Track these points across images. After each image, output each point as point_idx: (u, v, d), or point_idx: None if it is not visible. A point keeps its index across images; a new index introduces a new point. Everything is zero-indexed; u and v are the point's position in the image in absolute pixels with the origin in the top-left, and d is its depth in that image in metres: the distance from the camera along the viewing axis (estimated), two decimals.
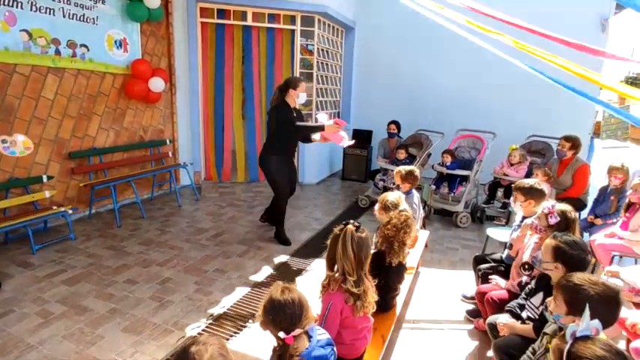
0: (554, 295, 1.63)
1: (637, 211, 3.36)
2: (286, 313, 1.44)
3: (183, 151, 6.17)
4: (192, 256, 3.92)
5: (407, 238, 2.24)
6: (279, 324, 1.44)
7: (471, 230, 5.04)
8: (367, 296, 1.82)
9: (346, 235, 1.81)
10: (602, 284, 1.53)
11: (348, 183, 7.23)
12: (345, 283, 1.79)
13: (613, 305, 1.50)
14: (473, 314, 2.98)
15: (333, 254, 1.83)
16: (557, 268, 1.93)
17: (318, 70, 6.94)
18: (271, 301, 1.48)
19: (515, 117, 6.81)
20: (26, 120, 4.11)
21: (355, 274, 1.80)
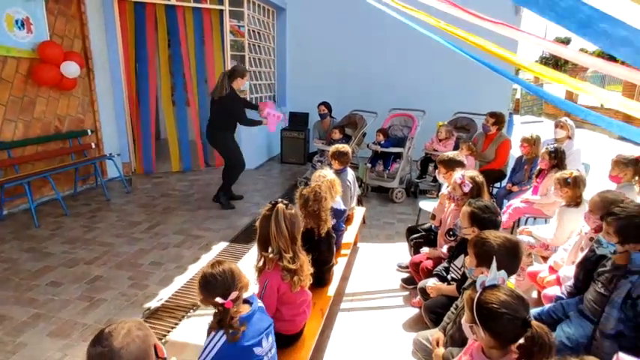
0: (468, 252, 1.78)
1: (546, 177, 3.73)
2: (219, 281, 1.48)
3: (109, 142, 5.74)
4: (124, 250, 3.71)
5: (318, 205, 2.31)
6: (215, 293, 1.47)
7: (406, 205, 5.29)
8: (303, 270, 1.85)
9: (278, 213, 1.82)
10: (504, 237, 1.70)
11: (287, 166, 7.22)
12: (281, 261, 1.80)
13: (514, 255, 1.69)
14: (408, 282, 3.17)
15: (267, 234, 1.83)
16: (474, 231, 2.10)
17: (250, 53, 6.76)
18: (204, 275, 1.51)
19: (442, 95, 7.18)
20: None
21: (291, 251, 1.82)
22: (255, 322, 1.55)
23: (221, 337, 1.46)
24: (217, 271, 1.50)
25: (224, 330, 1.46)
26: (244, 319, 1.51)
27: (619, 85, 13.82)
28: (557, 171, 3.56)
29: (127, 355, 1.03)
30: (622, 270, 1.85)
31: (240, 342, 1.47)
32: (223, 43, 6.32)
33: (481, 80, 6.78)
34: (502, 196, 4.60)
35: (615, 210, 1.92)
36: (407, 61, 7.36)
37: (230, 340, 1.46)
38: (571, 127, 4.58)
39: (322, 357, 2.40)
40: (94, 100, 5.48)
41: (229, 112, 4.60)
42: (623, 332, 1.76)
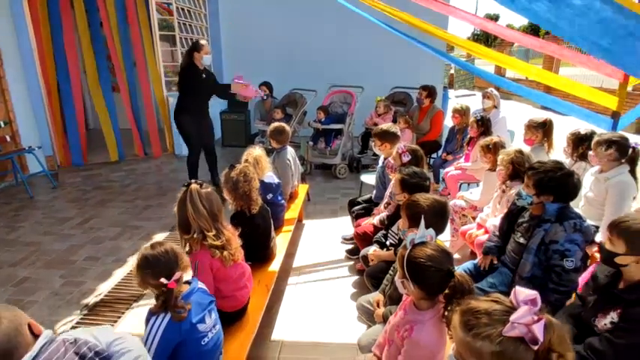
0: (403, 216, 1.88)
1: (475, 144, 3.96)
2: (162, 262, 1.47)
3: (27, 134, 5.22)
4: (54, 248, 3.46)
5: (249, 186, 2.31)
6: (158, 274, 1.44)
7: (349, 180, 5.41)
8: (231, 244, 1.84)
9: (193, 194, 1.79)
10: (432, 199, 1.81)
11: (228, 149, 7.04)
12: (205, 240, 1.78)
13: (441, 214, 1.82)
14: (352, 253, 3.27)
15: (186, 217, 1.79)
16: (405, 197, 2.20)
17: (181, 33, 6.41)
18: (144, 257, 1.48)
19: (380, 71, 7.32)
20: None
21: (213, 228, 1.80)
22: (196, 299, 1.53)
23: (164, 319, 1.44)
24: (159, 251, 1.48)
25: (170, 311, 1.44)
26: (185, 297, 1.49)
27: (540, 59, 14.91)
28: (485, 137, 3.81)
29: None
30: (537, 219, 2.05)
31: (184, 321, 1.46)
32: (150, 22, 5.92)
33: (416, 56, 6.96)
34: (438, 165, 4.86)
35: (535, 165, 2.11)
36: (345, 38, 7.38)
37: (177, 319, 1.44)
38: (496, 97, 4.90)
39: (271, 332, 2.44)
40: (5, 90, 4.92)
41: (180, 82, 4.43)
42: (536, 275, 1.96)
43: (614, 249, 1.50)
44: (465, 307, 0.98)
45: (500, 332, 0.88)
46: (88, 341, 1.20)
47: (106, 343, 1.26)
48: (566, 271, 1.90)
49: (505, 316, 0.90)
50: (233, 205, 2.35)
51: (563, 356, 0.89)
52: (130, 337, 1.36)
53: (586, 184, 2.85)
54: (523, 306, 0.89)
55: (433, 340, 1.37)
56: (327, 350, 2.28)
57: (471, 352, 0.93)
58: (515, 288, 0.93)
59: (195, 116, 4.49)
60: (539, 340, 0.86)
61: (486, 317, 0.92)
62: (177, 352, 1.48)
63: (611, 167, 2.63)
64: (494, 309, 0.93)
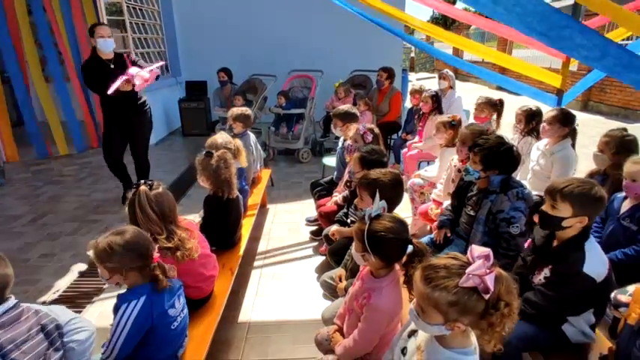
0: (359, 193, 1.93)
1: (428, 120, 4.09)
2: (141, 243, 1.46)
3: None
4: (4, 247, 3.28)
5: (229, 171, 2.31)
6: (145, 253, 1.45)
7: (313, 163, 5.44)
8: (185, 244, 1.76)
9: (141, 198, 1.71)
10: (389, 172, 1.88)
11: (190, 139, 6.88)
12: (156, 242, 1.68)
13: (399, 186, 1.89)
14: (315, 233, 3.33)
15: (136, 220, 1.72)
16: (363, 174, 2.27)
17: (131, 17, 6.13)
18: (125, 243, 1.42)
19: (339, 54, 7.34)
20: None
21: (165, 231, 1.73)
22: (162, 295, 1.52)
23: (136, 305, 1.43)
24: (132, 234, 1.45)
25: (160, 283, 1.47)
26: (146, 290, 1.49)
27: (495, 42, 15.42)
28: (436, 114, 3.95)
29: None
30: (484, 192, 2.18)
31: (156, 306, 1.47)
32: (96, 6, 5.61)
33: (375, 39, 7.03)
34: (398, 146, 4.98)
35: (479, 142, 2.22)
36: (303, 21, 7.31)
37: (160, 290, 1.48)
38: (452, 77, 5.06)
39: (238, 315, 2.46)
40: None
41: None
42: (487, 242, 2.10)
43: (559, 213, 1.57)
44: (426, 263, 1.07)
45: (457, 284, 0.98)
46: (49, 314, 1.32)
47: (64, 320, 1.37)
48: (513, 237, 2.05)
49: (461, 270, 1.00)
50: (210, 189, 2.31)
51: (509, 305, 0.99)
52: (84, 318, 1.46)
53: (533, 157, 3.04)
54: (478, 260, 0.98)
55: (391, 303, 1.46)
56: (293, 327, 2.34)
57: (429, 302, 1.02)
58: (472, 246, 1.02)
59: (114, 118, 3.77)
60: (490, 290, 0.96)
61: (444, 271, 1.02)
62: (146, 337, 1.49)
63: (556, 142, 2.82)
64: (452, 264, 1.03)
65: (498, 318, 0.98)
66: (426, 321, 1.04)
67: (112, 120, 3.78)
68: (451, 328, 1.02)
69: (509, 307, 0.99)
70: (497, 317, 0.97)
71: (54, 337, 1.30)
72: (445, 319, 1.01)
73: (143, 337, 1.49)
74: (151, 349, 1.53)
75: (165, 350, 1.59)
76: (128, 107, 3.75)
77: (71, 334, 1.36)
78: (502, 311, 0.97)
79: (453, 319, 1.00)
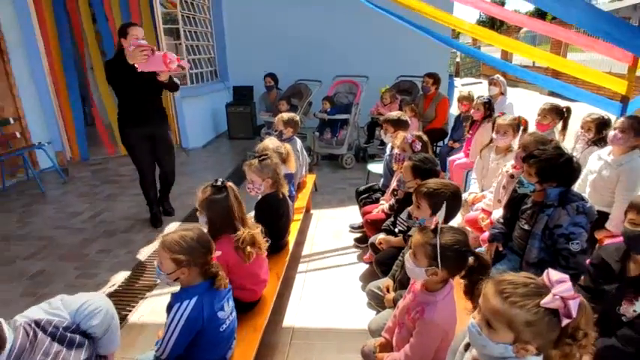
0: (417, 203, 1.87)
1: (479, 128, 3.93)
2: (206, 240, 1.55)
3: (37, 130, 5.28)
4: (67, 242, 3.52)
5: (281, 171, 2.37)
6: (208, 250, 1.54)
7: (356, 169, 5.41)
8: (258, 238, 1.86)
9: (235, 193, 1.85)
10: (450, 184, 1.82)
11: (235, 142, 7.08)
12: (235, 235, 1.80)
13: (458, 200, 1.82)
14: (360, 241, 3.29)
15: (220, 215, 1.82)
16: (417, 183, 2.20)
17: (185, 25, 6.41)
18: (196, 237, 1.51)
19: (385, 60, 7.29)
20: None
21: (245, 225, 1.85)
22: (215, 295, 1.56)
23: (188, 305, 1.47)
24: (199, 232, 1.54)
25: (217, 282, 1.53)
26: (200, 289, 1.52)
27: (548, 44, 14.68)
28: (489, 121, 3.78)
29: None
30: (540, 205, 2.05)
31: (206, 307, 1.50)
32: (154, 16, 5.92)
33: (421, 44, 6.88)
34: (445, 153, 4.84)
35: (535, 152, 2.09)
36: (349, 27, 7.33)
37: (219, 287, 1.54)
38: (503, 83, 4.85)
39: (283, 319, 2.47)
40: (13, 85, 4.98)
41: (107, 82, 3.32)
42: (544, 259, 1.97)
43: None
44: (501, 278, 1.04)
45: (538, 303, 0.94)
46: (51, 320, 1.19)
47: (71, 313, 1.26)
48: (573, 254, 1.91)
49: (541, 291, 0.96)
50: (266, 190, 2.37)
51: (587, 335, 0.94)
52: (96, 298, 1.35)
53: (593, 168, 2.81)
54: (562, 283, 0.94)
55: (446, 318, 1.40)
56: (338, 335, 2.31)
57: (502, 318, 0.98)
58: (549, 269, 0.98)
59: (142, 130, 3.43)
60: (572, 316, 0.92)
61: (524, 288, 0.98)
62: (196, 339, 1.52)
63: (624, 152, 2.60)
64: (530, 283, 0.99)
65: (574, 349, 0.91)
66: (490, 338, 0.99)
67: (142, 135, 3.44)
68: (517, 350, 0.97)
69: (587, 338, 0.92)
70: (574, 348, 0.91)
71: (67, 338, 1.20)
72: (515, 339, 0.96)
73: (193, 338, 1.52)
74: (200, 350, 1.56)
75: (214, 352, 1.62)
76: (154, 111, 3.44)
77: (86, 322, 1.27)
78: (580, 342, 0.91)
79: (525, 340, 0.95)
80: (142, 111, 3.21)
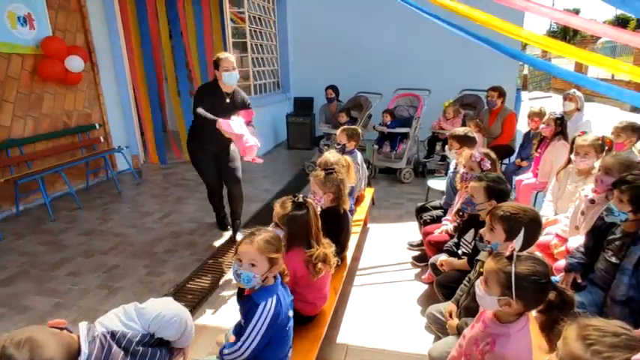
0: (490, 226, 1.77)
1: (549, 146, 3.66)
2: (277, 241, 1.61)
3: (117, 135, 5.80)
4: (138, 240, 3.79)
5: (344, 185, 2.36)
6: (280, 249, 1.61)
7: (414, 185, 5.29)
8: (330, 257, 1.88)
9: (315, 210, 1.89)
10: (530, 210, 1.71)
11: (294, 152, 7.24)
12: (309, 251, 1.85)
13: (538, 228, 1.70)
14: (418, 259, 3.19)
15: (299, 231, 1.86)
16: (491, 204, 2.10)
17: (252, 39, 6.71)
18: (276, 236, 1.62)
19: (447, 73, 7.09)
20: None
21: (320, 243, 1.89)
22: (283, 294, 1.62)
23: (272, 306, 1.52)
24: (274, 233, 1.63)
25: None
26: (273, 289, 1.58)
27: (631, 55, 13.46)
28: (560, 139, 3.52)
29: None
30: (632, 237, 1.85)
31: (282, 309, 1.56)
32: (224, 31, 6.27)
33: (487, 56, 6.60)
34: (511, 172, 4.58)
35: (629, 178, 1.90)
36: (410, 39, 7.24)
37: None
38: (580, 98, 4.52)
39: (337, 334, 2.45)
40: (100, 94, 5.51)
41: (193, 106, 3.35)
42: (633, 297, 1.77)
43: None
44: (587, 322, 0.95)
45: (628, 359, 0.84)
46: (126, 333, 1.23)
47: (146, 323, 1.30)
48: None
49: (632, 344, 0.86)
50: (328, 204, 2.38)
51: None
52: (169, 305, 1.38)
53: None
54: None
55: (519, 353, 1.30)
56: (393, 357, 2.24)
57: None
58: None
59: (209, 147, 3.47)
60: None
61: (613, 338, 0.89)
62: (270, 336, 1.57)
63: None
64: (622, 333, 0.89)
65: None
66: None
67: (208, 151, 3.49)
68: None
69: None
70: None
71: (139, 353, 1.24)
72: None
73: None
74: (271, 347, 1.59)
75: (280, 350, 1.64)
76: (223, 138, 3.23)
77: (161, 332, 1.32)
78: None
79: None
80: (214, 132, 3.11)
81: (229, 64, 3.22)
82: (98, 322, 1.22)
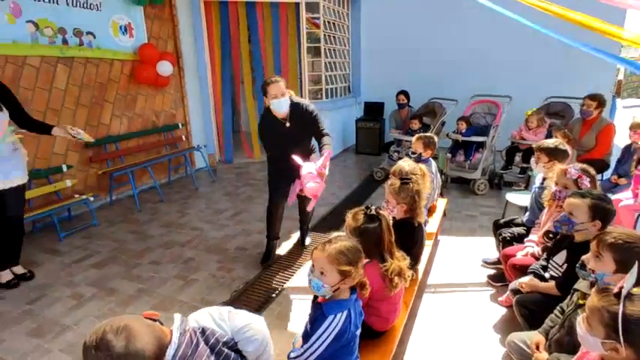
0: (597, 253, 1.57)
1: None
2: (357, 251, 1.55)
3: (196, 134, 6.20)
4: (212, 235, 3.99)
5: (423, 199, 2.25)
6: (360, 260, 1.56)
7: (489, 197, 4.97)
8: (405, 272, 1.81)
9: (387, 222, 1.82)
10: None
11: (362, 157, 7.18)
12: (384, 264, 1.79)
13: None
14: (495, 279, 2.97)
15: (373, 244, 1.79)
16: (595, 225, 1.89)
17: (325, 44, 6.79)
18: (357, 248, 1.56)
19: (531, 79, 6.59)
20: (41, 111, 4.16)
21: (394, 255, 1.82)
22: (357, 307, 1.58)
23: (340, 320, 1.48)
24: (354, 243, 1.57)
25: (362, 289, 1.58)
26: (348, 303, 1.54)
27: None
28: None
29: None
30: None
31: (353, 322, 1.52)
32: (299, 36, 6.42)
33: (577, 60, 6.05)
34: (606, 189, 4.10)
35: None
36: (490, 42, 6.83)
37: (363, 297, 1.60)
38: None
39: (405, 350, 2.36)
40: (184, 96, 5.93)
41: None
42: None
43: None
44: None
45: None
46: (215, 332, 1.25)
47: (233, 330, 1.29)
48: None
49: None
50: (402, 215, 2.28)
51: None
52: (257, 322, 1.36)
53: None
54: None
55: None
56: None
57: None
58: None
59: (280, 165, 3.19)
60: None
61: None
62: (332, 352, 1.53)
63: None
64: None
65: None
66: None
67: (280, 168, 3.22)
68: None
69: None
70: None
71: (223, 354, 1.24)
72: None
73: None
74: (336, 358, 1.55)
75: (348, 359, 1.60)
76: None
77: (242, 344, 1.31)
78: None
79: None
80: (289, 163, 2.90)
81: (277, 90, 2.96)
82: (192, 317, 1.26)
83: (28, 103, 3.98)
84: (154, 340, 1.04)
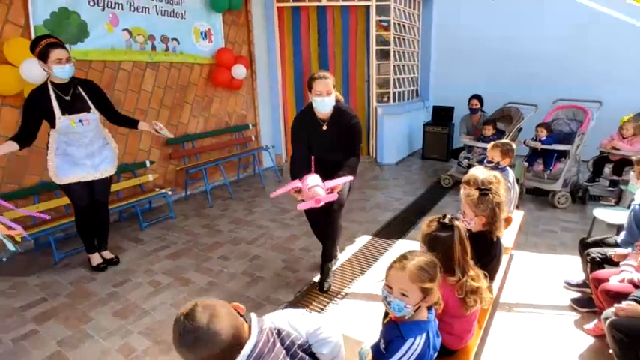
0: None
1: None
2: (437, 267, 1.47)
3: (265, 135, 6.42)
4: (277, 235, 4.09)
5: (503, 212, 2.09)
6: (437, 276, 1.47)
7: (571, 211, 4.55)
8: (482, 291, 1.69)
9: (461, 232, 1.67)
10: None
11: (428, 162, 6.95)
12: (461, 280, 1.66)
13: None
14: (580, 303, 2.70)
15: (450, 254, 1.65)
16: None
17: (395, 46, 6.68)
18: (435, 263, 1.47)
19: (627, 82, 5.94)
20: (131, 111, 4.56)
21: (471, 269, 1.70)
22: (434, 328, 1.51)
23: (419, 344, 1.40)
24: (432, 257, 1.47)
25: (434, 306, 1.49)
26: (426, 324, 1.46)
27: None
28: None
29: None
30: None
31: (430, 352, 1.44)
32: (368, 39, 6.39)
33: None
34: None
35: None
36: (577, 42, 6.26)
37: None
38: None
39: None
40: (255, 98, 6.17)
41: None
42: None
43: None
44: None
45: None
46: (290, 333, 1.25)
47: (307, 332, 1.29)
48: None
49: None
50: (479, 227, 2.11)
51: None
52: (330, 324, 1.35)
53: None
54: None
55: None
56: None
57: None
58: None
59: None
60: None
61: None
62: None
63: None
64: None
65: None
66: None
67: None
68: None
69: None
70: None
71: (298, 356, 1.25)
72: None
73: None
74: None
75: None
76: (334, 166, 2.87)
77: (317, 347, 1.30)
78: None
79: None
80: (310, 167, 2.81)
81: (323, 87, 2.63)
82: (267, 317, 1.29)
83: (120, 104, 4.40)
84: (232, 328, 1.10)
